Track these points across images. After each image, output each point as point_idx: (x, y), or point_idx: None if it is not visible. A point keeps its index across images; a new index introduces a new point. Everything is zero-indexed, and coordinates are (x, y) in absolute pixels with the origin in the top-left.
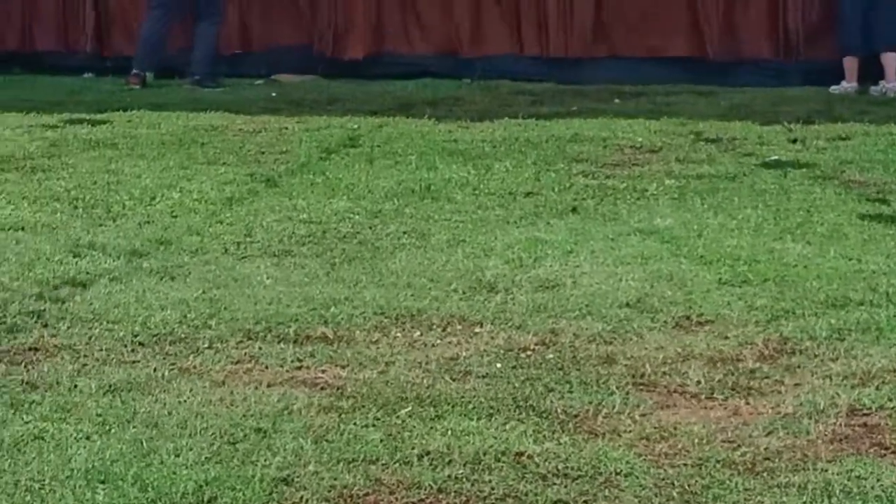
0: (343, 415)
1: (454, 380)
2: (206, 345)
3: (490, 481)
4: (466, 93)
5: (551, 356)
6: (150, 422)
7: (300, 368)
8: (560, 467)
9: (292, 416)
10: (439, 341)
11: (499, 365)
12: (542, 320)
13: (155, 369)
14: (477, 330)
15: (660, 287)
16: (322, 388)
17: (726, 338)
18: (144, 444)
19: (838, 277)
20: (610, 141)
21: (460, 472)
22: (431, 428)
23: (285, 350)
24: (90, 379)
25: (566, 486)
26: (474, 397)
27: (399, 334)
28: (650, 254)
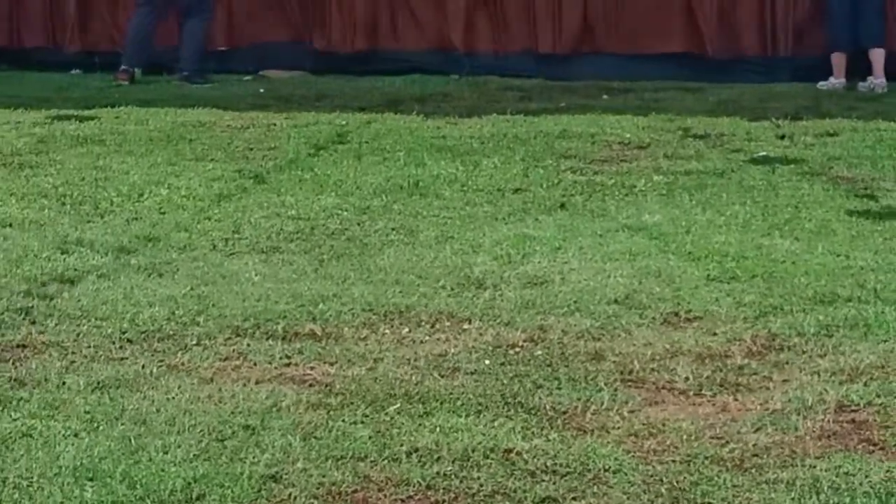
0: (331, 412)
1: (443, 376)
2: (195, 342)
3: (479, 478)
4: (454, 89)
5: (540, 353)
6: (139, 419)
7: (288, 365)
8: (549, 464)
9: (280, 413)
10: (428, 338)
11: (487, 362)
12: (531, 317)
13: (143, 366)
14: (465, 326)
15: (648, 283)
16: (310, 385)
17: (714, 334)
18: (132, 442)
19: (826, 274)
20: (598, 137)
21: (449, 469)
22: (420, 425)
23: (273, 347)
24: (78, 376)
25: (555, 483)
26: (463, 394)
27: (387, 331)
28: (638, 250)
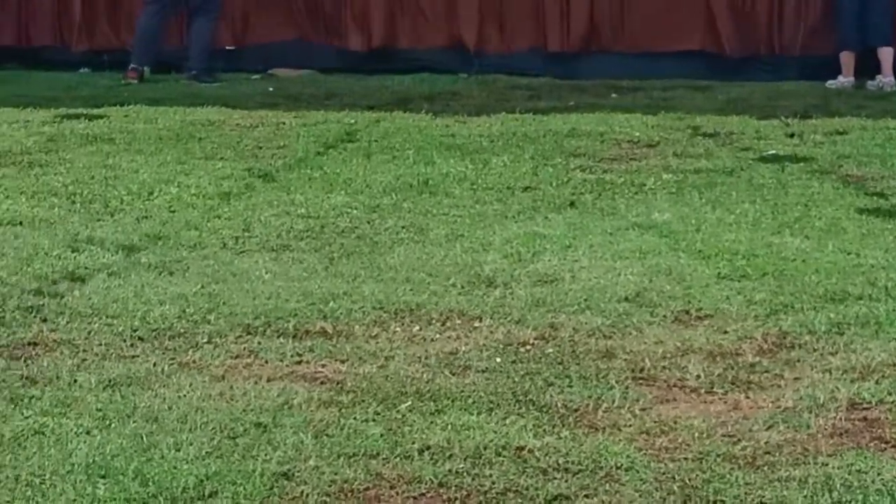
0: (343, 409)
1: (454, 374)
2: (206, 339)
3: (490, 475)
4: (464, 87)
5: (551, 350)
6: (150, 416)
7: (300, 363)
8: (560, 461)
9: (292, 411)
10: (438, 336)
11: (498, 359)
12: (542, 315)
13: (154, 364)
14: (476, 324)
15: (658, 281)
16: (322, 383)
17: (725, 332)
18: (144, 439)
19: (837, 272)
20: (607, 135)
21: (461, 467)
22: (431, 422)
23: (285, 345)
24: (90, 374)
25: (566, 481)
26: (474, 392)
27: (398, 329)
28: (648, 248)
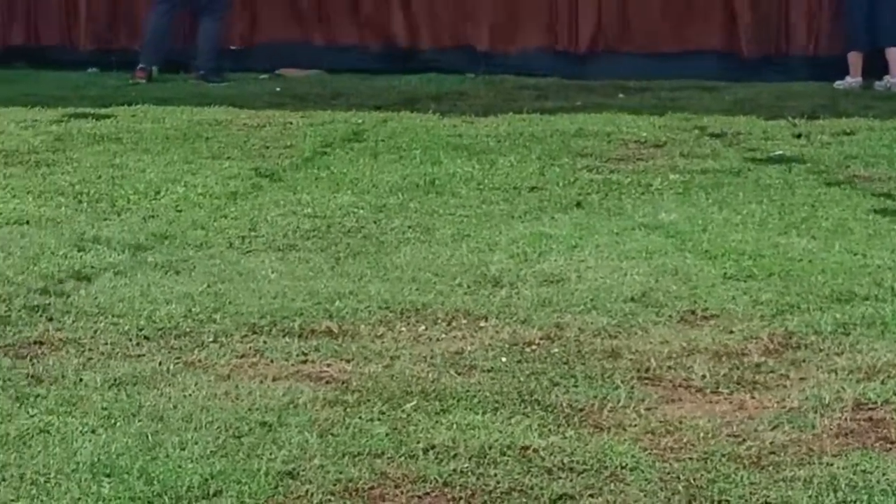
0: (348, 409)
1: (459, 374)
2: (211, 339)
3: (495, 475)
4: (471, 87)
5: (556, 350)
6: (156, 415)
7: (305, 362)
8: (565, 461)
9: (297, 410)
10: (444, 335)
11: (504, 359)
12: (547, 314)
13: (160, 363)
14: (482, 324)
15: (665, 281)
16: (327, 382)
17: (731, 332)
18: (150, 438)
19: (843, 272)
20: (614, 136)
21: (466, 466)
22: (437, 422)
23: (290, 344)
24: (95, 373)
25: (571, 480)
26: (479, 391)
27: (404, 328)
28: (655, 248)
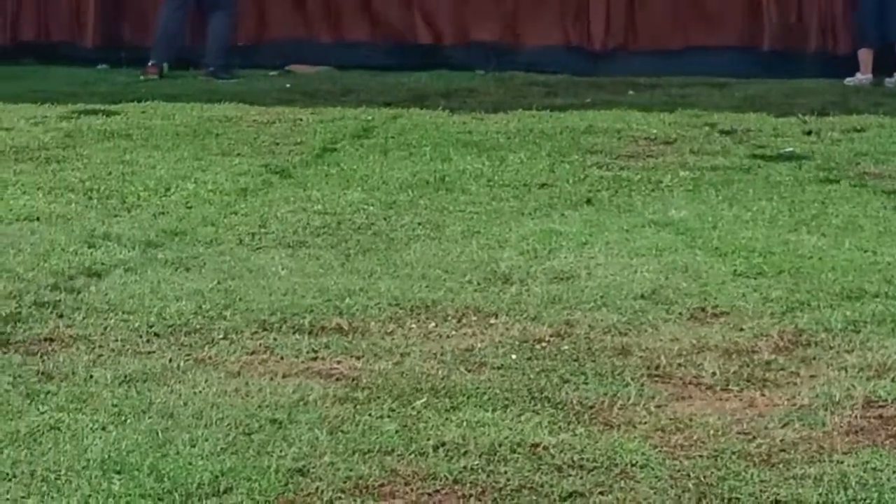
0: (358, 406)
1: (469, 371)
2: (222, 336)
3: (505, 472)
4: (480, 84)
5: (566, 347)
6: (166, 412)
7: (315, 359)
8: (575, 458)
9: (307, 407)
10: (454, 332)
11: (514, 356)
12: (557, 312)
13: (170, 360)
14: (492, 321)
15: (675, 279)
16: (337, 380)
17: (741, 329)
18: (160, 435)
19: (853, 269)
20: (624, 132)
21: (476, 464)
22: (447, 419)
23: (300, 341)
24: (105, 369)
25: (581, 478)
26: (489, 388)
27: (414, 325)
28: (665, 245)
